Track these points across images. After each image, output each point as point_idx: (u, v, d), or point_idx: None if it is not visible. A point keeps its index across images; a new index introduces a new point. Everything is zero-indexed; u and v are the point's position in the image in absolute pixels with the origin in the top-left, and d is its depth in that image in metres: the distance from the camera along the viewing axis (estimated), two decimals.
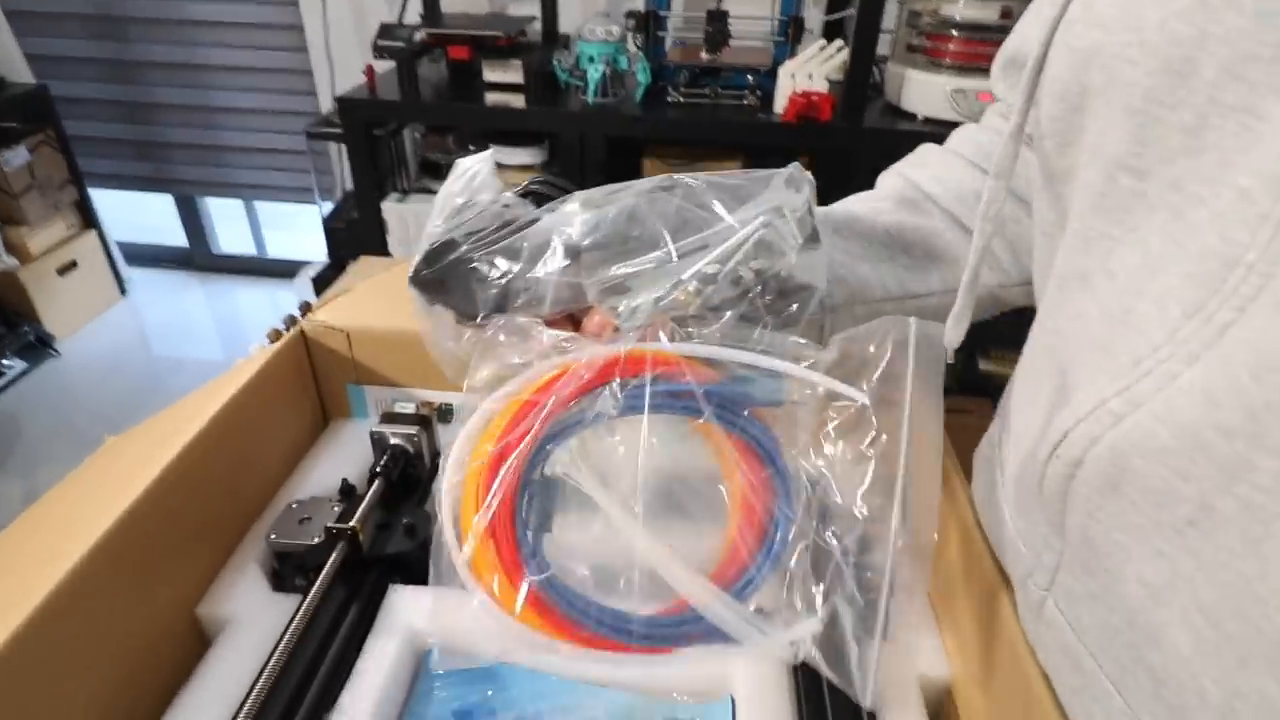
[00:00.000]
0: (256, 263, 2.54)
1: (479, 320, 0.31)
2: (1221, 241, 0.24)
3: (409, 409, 0.56)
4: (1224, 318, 0.23)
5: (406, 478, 0.55)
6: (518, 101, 1.45)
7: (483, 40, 1.46)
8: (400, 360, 0.60)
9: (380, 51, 1.45)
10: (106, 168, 2.25)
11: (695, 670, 0.45)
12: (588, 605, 0.32)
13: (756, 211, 0.31)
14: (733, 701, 0.44)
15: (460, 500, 0.31)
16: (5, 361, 1.96)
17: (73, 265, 2.15)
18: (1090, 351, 0.30)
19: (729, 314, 0.31)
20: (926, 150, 0.52)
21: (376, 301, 0.61)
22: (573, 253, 0.30)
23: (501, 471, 0.30)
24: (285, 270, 2.43)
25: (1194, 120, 0.25)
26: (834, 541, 0.31)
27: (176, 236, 2.49)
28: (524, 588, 0.30)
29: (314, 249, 2.32)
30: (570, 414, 0.30)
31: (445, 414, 0.62)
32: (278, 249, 2.57)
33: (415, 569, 0.50)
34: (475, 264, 0.30)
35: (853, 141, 1.39)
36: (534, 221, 0.31)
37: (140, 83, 2.11)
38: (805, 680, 0.43)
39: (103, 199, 2.27)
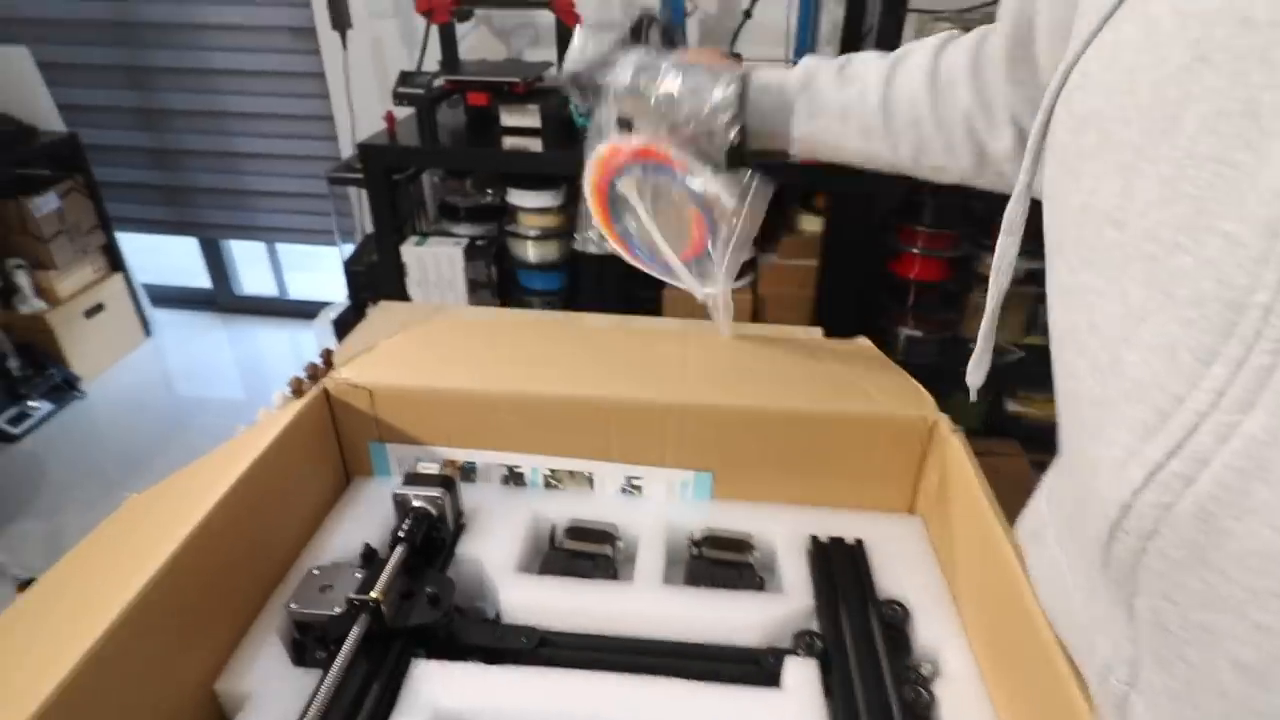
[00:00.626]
0: (278, 304, 2.56)
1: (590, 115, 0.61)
2: (1219, 286, 0.24)
3: (432, 469, 0.55)
4: (1259, 361, 0.23)
5: (430, 541, 0.53)
6: (535, 145, 1.46)
7: (500, 86, 1.48)
8: (423, 418, 0.58)
9: (400, 98, 1.47)
10: (133, 212, 2.29)
11: None
12: (634, 245, 0.64)
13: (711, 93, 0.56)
14: None
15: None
16: (31, 403, 1.97)
17: (99, 308, 2.18)
18: (1091, 408, 0.30)
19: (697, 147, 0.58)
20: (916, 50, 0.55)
21: (399, 358, 0.60)
22: (619, 90, 0.58)
23: (598, 180, 0.61)
24: (306, 311, 2.45)
25: (1171, 172, 0.26)
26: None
27: (200, 278, 2.52)
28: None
29: (334, 290, 2.35)
30: (626, 165, 0.59)
31: (469, 472, 0.60)
32: (299, 290, 2.59)
33: (439, 640, 0.48)
34: (582, 87, 0.61)
35: (871, 184, 1.37)
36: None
37: (167, 130, 2.15)
38: None
39: (129, 242, 2.31)
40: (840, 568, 0.53)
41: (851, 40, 1.58)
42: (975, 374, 0.44)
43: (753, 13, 1.47)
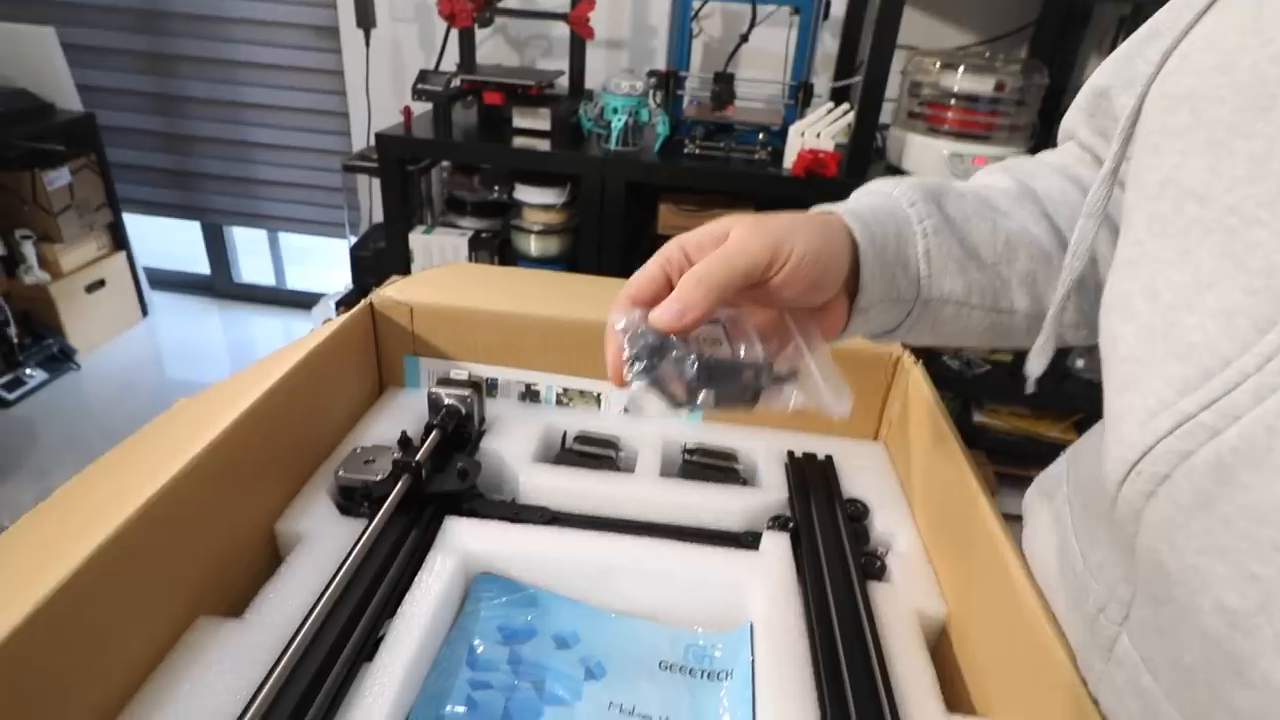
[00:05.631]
0: (275, 293, 2.62)
1: None
2: None
3: (462, 375, 0.63)
4: None
5: (458, 435, 0.61)
6: (543, 145, 1.56)
7: (515, 88, 1.58)
8: (455, 335, 0.66)
9: (419, 94, 1.56)
10: (142, 194, 2.35)
11: (714, 599, 0.50)
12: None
13: None
14: (751, 628, 0.49)
15: None
16: (28, 371, 2.01)
17: (100, 284, 2.23)
18: (1132, 365, 0.30)
19: None
20: (1031, 165, 0.49)
21: (437, 284, 0.69)
22: None
23: None
24: (302, 301, 2.51)
25: (1263, 149, 0.27)
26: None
27: (200, 264, 2.58)
28: None
29: (331, 284, 2.41)
30: None
31: (491, 388, 0.68)
32: (296, 283, 2.65)
33: (464, 514, 0.55)
34: None
35: None
36: None
37: (181, 116, 2.23)
38: (817, 604, 0.48)
39: (134, 224, 2.36)
40: (812, 473, 0.61)
41: (844, 70, 1.71)
42: (1036, 362, 0.40)
43: (749, 38, 1.59)
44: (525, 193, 1.61)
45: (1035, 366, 0.40)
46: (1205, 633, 0.27)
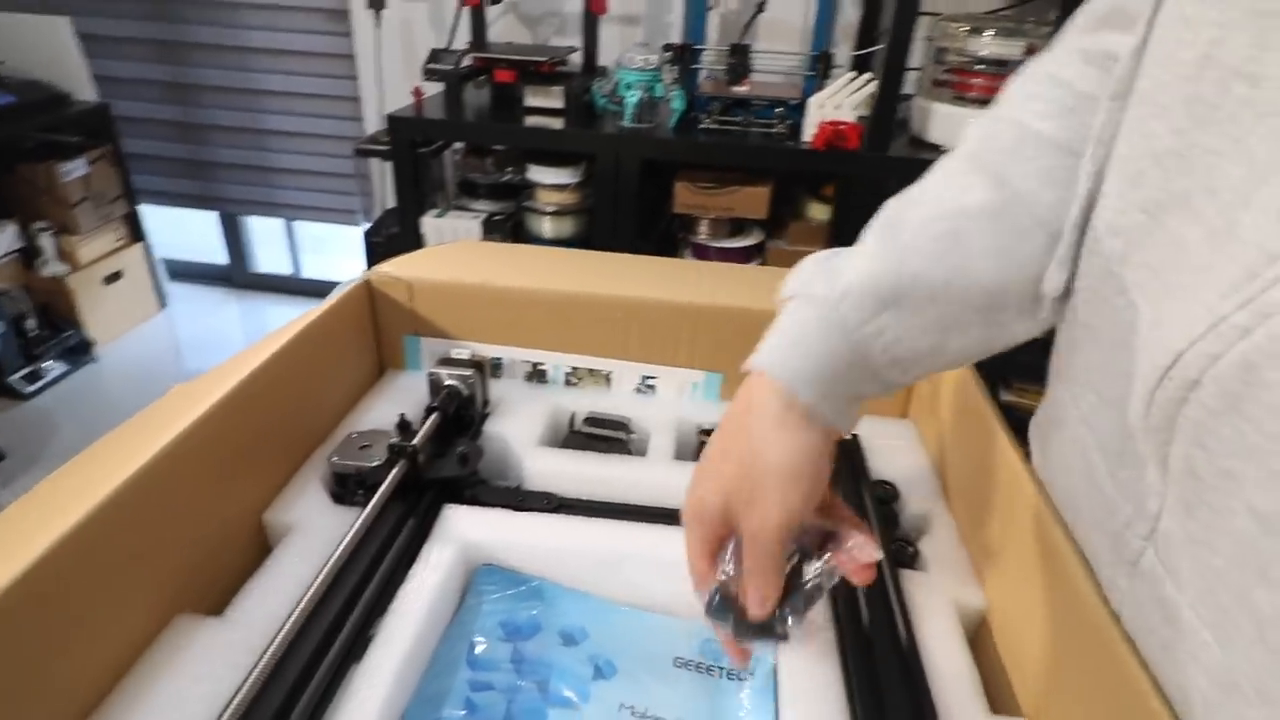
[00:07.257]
0: (291, 282, 2.61)
1: None
2: None
3: (464, 354, 0.59)
4: None
5: (459, 418, 0.57)
6: (556, 124, 1.52)
7: (527, 65, 1.54)
8: (456, 313, 0.63)
9: (430, 74, 1.52)
10: (158, 185, 2.35)
11: None
12: None
13: None
14: None
15: None
16: (45, 364, 2.01)
17: (118, 275, 2.23)
18: (1191, 274, 0.28)
19: None
20: (1011, 139, 0.40)
21: (438, 260, 0.65)
22: None
23: None
24: (317, 290, 2.50)
25: None
26: None
27: (217, 255, 2.57)
28: None
29: (347, 273, 2.40)
30: None
31: (496, 368, 0.64)
32: (312, 272, 2.64)
33: (465, 501, 0.52)
34: None
35: (878, 170, 1.43)
36: None
37: (195, 104, 2.21)
38: (844, 595, 0.44)
39: (151, 216, 2.36)
40: (837, 454, 0.57)
41: (866, 39, 1.65)
42: (1056, 275, 0.37)
43: (765, 7, 1.52)
44: (538, 173, 1.57)
45: (1055, 281, 0.37)
46: (1236, 536, 0.26)
